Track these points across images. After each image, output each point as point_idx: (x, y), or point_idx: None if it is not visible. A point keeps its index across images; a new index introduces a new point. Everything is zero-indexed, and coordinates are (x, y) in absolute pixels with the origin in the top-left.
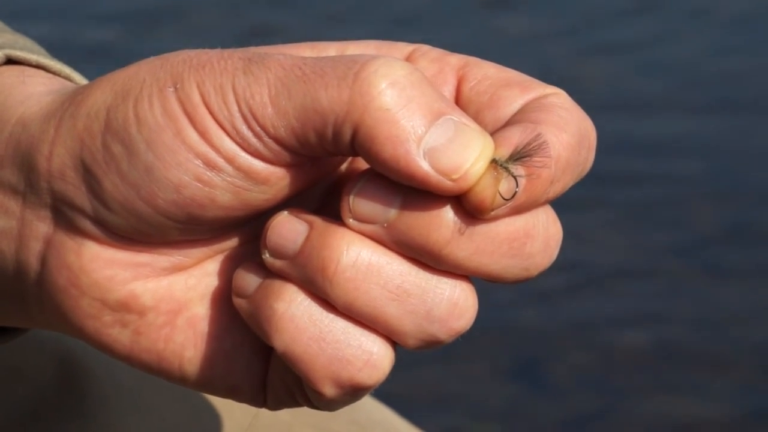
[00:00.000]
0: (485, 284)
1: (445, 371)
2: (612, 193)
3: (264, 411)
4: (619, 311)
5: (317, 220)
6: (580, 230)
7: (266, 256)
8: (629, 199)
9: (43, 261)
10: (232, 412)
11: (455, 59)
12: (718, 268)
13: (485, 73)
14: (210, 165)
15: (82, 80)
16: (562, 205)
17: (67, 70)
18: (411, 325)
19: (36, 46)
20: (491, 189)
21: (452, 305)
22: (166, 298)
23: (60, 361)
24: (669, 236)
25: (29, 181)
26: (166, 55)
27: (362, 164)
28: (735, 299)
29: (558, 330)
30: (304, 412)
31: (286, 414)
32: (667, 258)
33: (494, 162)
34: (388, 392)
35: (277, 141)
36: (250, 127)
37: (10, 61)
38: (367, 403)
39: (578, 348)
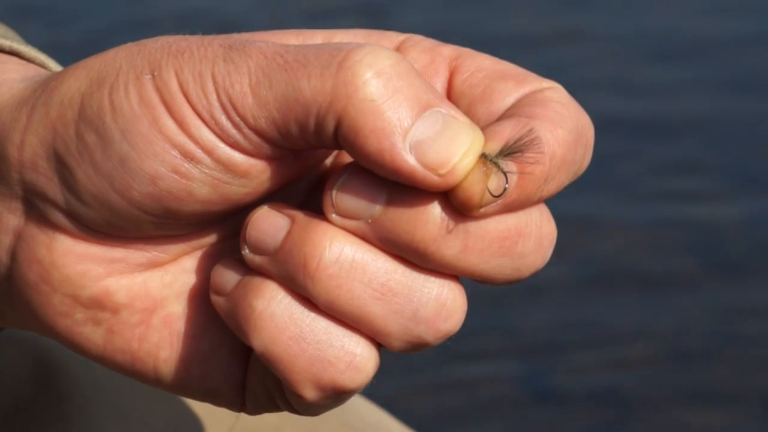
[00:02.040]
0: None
1: (445, 375)
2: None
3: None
4: (633, 317)
5: (299, 215)
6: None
7: (246, 251)
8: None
9: (13, 255)
10: (215, 416)
11: (448, 50)
12: (738, 272)
13: (479, 64)
14: (188, 156)
15: (57, 67)
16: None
17: (41, 56)
18: (396, 326)
19: (10, 32)
20: (480, 185)
21: (440, 306)
22: (141, 295)
23: (37, 362)
24: (688, 239)
25: None
26: (143, 41)
27: (348, 158)
28: (749, 300)
29: (567, 333)
30: (292, 414)
31: (272, 416)
32: (685, 261)
33: (484, 157)
34: (385, 399)
35: (258, 132)
36: (229, 118)
37: None
38: (359, 404)
39: (588, 353)
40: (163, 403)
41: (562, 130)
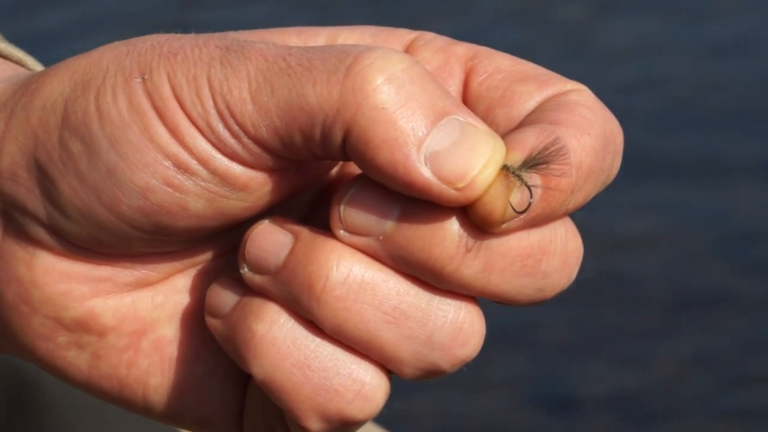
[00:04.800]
0: None
1: (457, 394)
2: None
3: None
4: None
5: (303, 231)
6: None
7: (245, 270)
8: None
9: None
10: None
11: (463, 49)
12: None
13: (497, 65)
14: (181, 167)
15: (36, 65)
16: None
17: (19, 53)
18: (409, 352)
19: None
20: (502, 200)
21: (456, 330)
22: (129, 317)
23: (10, 383)
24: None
25: None
26: (132, 40)
27: (355, 169)
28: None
29: (585, 347)
30: None
31: None
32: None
33: (505, 169)
34: (392, 419)
35: (258, 142)
36: (227, 126)
37: None
38: (368, 430)
39: (609, 368)
40: (148, 427)
41: (589, 137)
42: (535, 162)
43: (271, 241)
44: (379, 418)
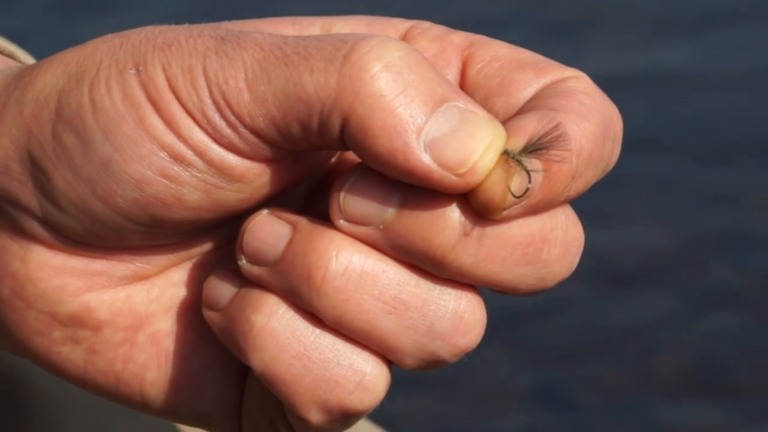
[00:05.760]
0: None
1: (452, 392)
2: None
3: None
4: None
5: (302, 221)
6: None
7: (243, 262)
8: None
9: None
10: None
11: (460, 38)
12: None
13: (494, 53)
14: (177, 159)
15: (27, 59)
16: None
17: (10, 47)
18: (409, 342)
19: None
20: (502, 185)
21: (457, 319)
22: (124, 311)
23: (2, 381)
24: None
25: None
26: (126, 32)
27: (353, 158)
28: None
29: (583, 343)
30: None
31: None
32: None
33: (506, 154)
34: (389, 417)
35: (255, 132)
36: (223, 116)
37: None
38: (363, 428)
39: (606, 365)
40: (143, 424)
41: (588, 123)
42: (535, 147)
43: (269, 231)
44: (379, 418)
